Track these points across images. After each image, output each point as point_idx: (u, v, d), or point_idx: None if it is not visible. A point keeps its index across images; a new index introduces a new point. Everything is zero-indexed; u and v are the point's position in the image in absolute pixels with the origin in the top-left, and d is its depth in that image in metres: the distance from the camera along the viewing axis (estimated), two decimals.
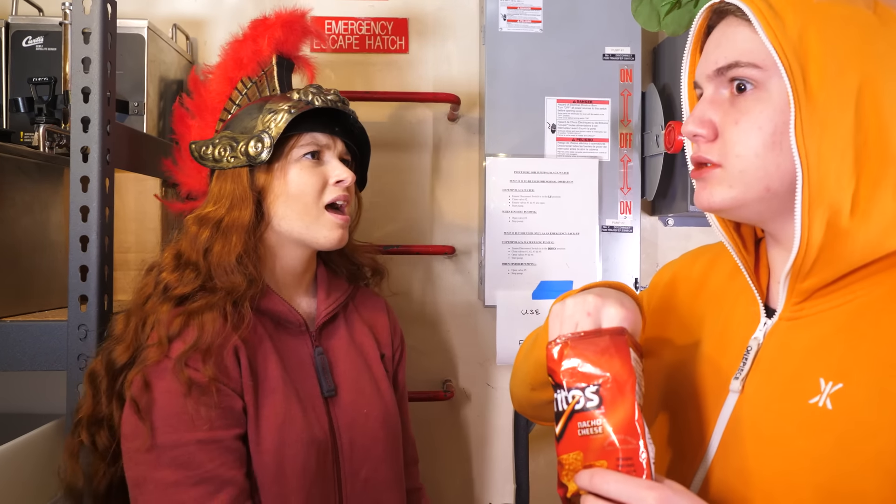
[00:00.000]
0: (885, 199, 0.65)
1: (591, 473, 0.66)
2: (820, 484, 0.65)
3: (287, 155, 1.08)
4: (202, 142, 1.11)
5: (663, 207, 1.68)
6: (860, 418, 0.64)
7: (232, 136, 1.08)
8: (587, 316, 0.73)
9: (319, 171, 1.09)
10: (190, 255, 1.03)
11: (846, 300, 0.70)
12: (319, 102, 1.09)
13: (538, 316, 1.58)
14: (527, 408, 0.99)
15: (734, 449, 0.73)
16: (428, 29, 1.71)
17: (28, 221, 1.12)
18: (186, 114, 1.20)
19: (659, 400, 0.86)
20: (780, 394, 0.70)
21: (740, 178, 0.70)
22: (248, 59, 1.15)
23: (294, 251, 1.10)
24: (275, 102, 1.09)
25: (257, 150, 1.05)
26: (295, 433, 0.99)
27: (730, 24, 0.72)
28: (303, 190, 1.07)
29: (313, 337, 1.11)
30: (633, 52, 1.61)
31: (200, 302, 0.99)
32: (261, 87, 1.16)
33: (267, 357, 1.03)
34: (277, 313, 1.07)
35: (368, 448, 1.08)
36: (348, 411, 1.08)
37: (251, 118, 1.09)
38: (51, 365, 1.03)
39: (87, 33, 1.02)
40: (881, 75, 0.65)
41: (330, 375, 1.09)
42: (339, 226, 1.09)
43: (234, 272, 1.01)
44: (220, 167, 1.08)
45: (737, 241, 0.79)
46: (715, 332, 0.81)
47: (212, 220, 1.04)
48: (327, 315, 1.13)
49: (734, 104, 0.71)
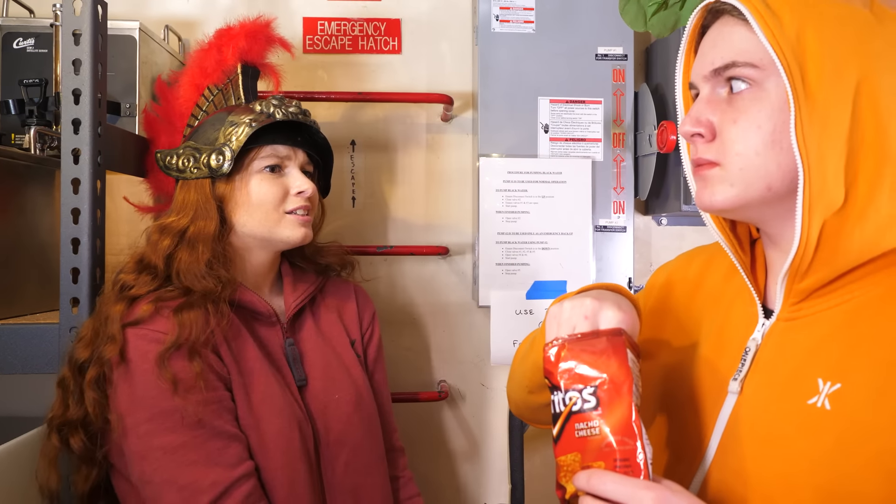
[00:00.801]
0: (881, 197, 0.65)
1: (588, 474, 0.66)
2: (819, 485, 0.65)
3: (248, 167, 1.10)
4: (167, 151, 1.14)
5: (657, 207, 1.68)
6: (859, 418, 0.64)
7: (196, 146, 1.11)
8: (584, 319, 0.74)
9: (280, 182, 1.12)
10: (150, 259, 1.05)
11: (844, 300, 0.70)
12: (280, 115, 1.12)
13: (532, 316, 1.58)
14: (524, 411, 0.99)
15: (733, 450, 0.73)
16: (421, 29, 1.71)
17: (19, 224, 1.12)
18: (156, 119, 1.23)
19: (657, 401, 0.85)
20: (778, 394, 0.70)
21: (741, 176, 0.69)
22: (213, 68, 1.18)
23: (258, 253, 1.14)
24: (237, 114, 1.11)
25: (219, 162, 1.08)
26: (277, 407, 1.03)
27: (726, 24, 0.71)
28: (263, 200, 1.10)
29: (284, 329, 1.14)
30: (626, 52, 1.61)
31: (180, 300, 1.00)
32: (226, 95, 1.19)
33: (246, 344, 1.06)
34: (251, 304, 1.10)
35: (344, 433, 1.11)
36: (320, 398, 1.11)
37: (214, 129, 1.11)
38: (42, 368, 1.03)
39: (78, 35, 1.02)
40: (878, 73, 0.65)
41: (301, 366, 1.12)
42: (300, 224, 1.12)
43: (206, 277, 1.03)
44: (184, 177, 1.11)
45: (733, 241, 0.79)
46: (712, 333, 0.81)
47: (174, 229, 1.07)
48: (296, 307, 1.16)
49: (732, 103, 0.70)
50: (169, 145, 1.20)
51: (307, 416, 1.08)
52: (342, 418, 1.12)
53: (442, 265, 1.72)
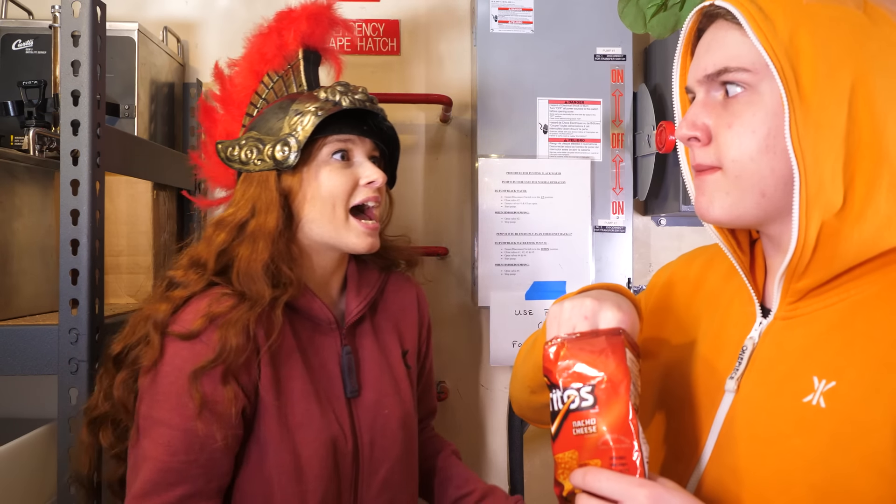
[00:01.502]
0: (879, 197, 0.65)
1: (584, 472, 0.66)
2: (814, 483, 0.65)
3: (315, 157, 1.05)
4: (229, 142, 1.08)
5: (655, 207, 1.68)
6: (853, 416, 0.64)
7: (258, 137, 1.06)
8: (584, 319, 0.74)
9: (349, 172, 1.06)
10: (202, 255, 1.01)
11: (840, 299, 0.70)
12: (347, 103, 1.06)
13: (531, 316, 1.58)
14: (527, 411, 0.99)
15: (729, 449, 0.73)
16: (420, 30, 1.72)
17: (18, 225, 1.12)
18: (212, 108, 1.17)
19: (655, 399, 0.86)
20: (774, 393, 0.70)
21: (736, 183, 0.70)
22: (273, 53, 1.11)
23: (326, 253, 1.09)
24: (301, 103, 1.05)
25: (284, 154, 1.03)
26: (313, 433, 0.99)
27: (720, 28, 0.71)
28: (332, 192, 1.04)
29: (343, 335, 1.09)
30: (625, 53, 1.61)
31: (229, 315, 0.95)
32: (287, 82, 1.12)
33: (290, 357, 1.02)
34: (310, 311, 1.06)
35: (387, 449, 1.07)
36: (370, 411, 1.07)
37: (277, 119, 1.06)
38: (42, 369, 1.03)
39: (77, 36, 1.02)
40: (873, 74, 0.65)
41: (355, 376, 1.08)
42: (367, 234, 1.06)
43: (259, 280, 0.98)
44: (247, 170, 1.05)
45: (732, 242, 0.79)
46: (711, 332, 0.82)
47: (231, 223, 1.02)
48: (358, 314, 1.11)
49: (726, 107, 0.71)
50: (226, 136, 1.13)
51: (351, 431, 1.04)
52: (388, 434, 1.08)
53: (441, 266, 1.72)
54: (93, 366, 1.02)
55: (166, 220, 1.52)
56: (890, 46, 0.66)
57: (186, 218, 1.64)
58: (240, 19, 1.69)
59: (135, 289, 1.41)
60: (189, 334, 0.94)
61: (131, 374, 0.96)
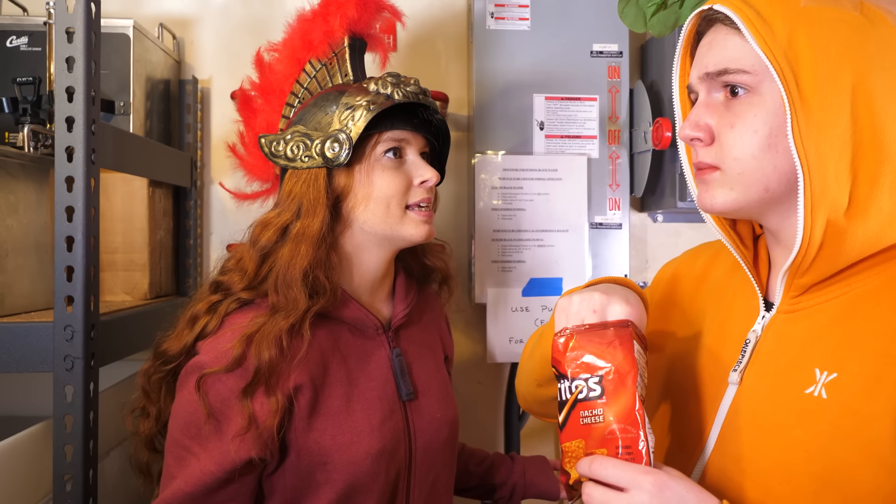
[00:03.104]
0: (882, 196, 0.67)
1: (590, 460, 0.68)
2: (815, 472, 0.66)
3: (369, 156, 1.00)
4: (273, 136, 1.03)
5: (652, 204, 1.68)
6: (854, 407, 0.65)
7: (305, 132, 1.00)
8: (593, 313, 0.76)
9: (403, 171, 1.02)
10: (244, 259, 0.99)
11: (842, 292, 0.71)
12: (400, 96, 1.00)
13: (528, 313, 1.58)
14: (533, 405, 1.00)
15: (732, 440, 0.74)
16: (416, 27, 1.71)
17: (13, 222, 1.11)
18: (252, 97, 1.12)
19: (661, 391, 0.88)
20: (776, 384, 0.72)
21: (739, 179, 0.71)
22: (319, 39, 1.05)
23: (377, 253, 1.04)
24: (351, 95, 1.00)
25: (335, 151, 0.97)
26: (363, 450, 0.96)
27: (719, 32, 0.73)
28: (387, 193, 1.00)
29: (391, 339, 1.06)
30: (621, 49, 1.61)
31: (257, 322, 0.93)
32: (331, 71, 1.07)
33: (334, 372, 0.98)
34: (353, 319, 1.02)
35: (438, 452, 1.06)
36: (424, 415, 1.05)
37: (324, 113, 1.00)
38: (37, 367, 1.02)
39: (71, 32, 1.01)
40: (872, 74, 0.66)
41: (409, 378, 1.04)
42: (423, 222, 1.02)
43: (297, 287, 0.94)
44: (294, 167, 1.00)
45: (734, 238, 0.81)
46: (715, 325, 0.83)
47: (276, 224, 0.98)
48: (404, 317, 1.08)
49: (729, 108, 0.72)
50: (266, 127, 1.09)
51: (406, 435, 1.02)
52: (440, 438, 1.05)
53: None
54: (88, 363, 1.02)
55: (162, 217, 1.52)
56: (887, 46, 0.67)
57: (182, 215, 1.64)
58: (236, 16, 1.69)
59: (131, 286, 1.41)
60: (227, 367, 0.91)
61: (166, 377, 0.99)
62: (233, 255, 1.03)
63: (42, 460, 1.04)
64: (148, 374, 1.00)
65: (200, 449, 0.91)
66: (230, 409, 0.90)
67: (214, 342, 0.94)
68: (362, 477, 0.96)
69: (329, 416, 0.96)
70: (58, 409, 1.01)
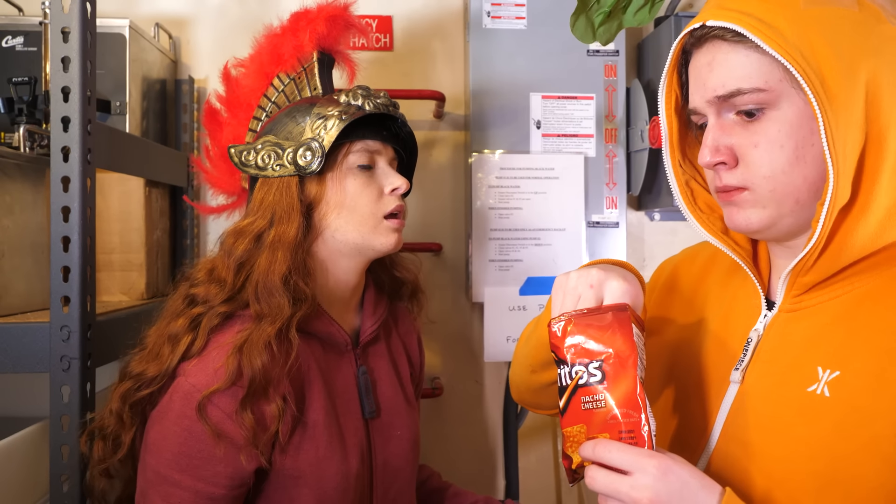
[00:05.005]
0: (881, 191, 0.66)
1: (594, 444, 0.68)
2: (818, 470, 0.66)
3: (340, 164, 1.01)
4: (243, 146, 1.04)
5: (649, 202, 1.68)
6: (857, 405, 0.65)
7: (276, 141, 1.01)
8: (590, 288, 0.75)
9: (374, 181, 1.03)
10: (219, 269, 0.98)
11: (844, 291, 0.71)
12: (370, 107, 1.03)
13: (525, 312, 1.58)
14: (526, 394, 1.00)
15: (735, 439, 0.74)
16: (413, 26, 1.71)
17: (9, 222, 1.11)
18: (217, 110, 1.13)
19: (661, 381, 0.87)
20: (779, 383, 0.72)
21: (771, 196, 0.70)
22: (290, 54, 1.07)
23: (348, 263, 1.04)
24: (322, 106, 1.02)
25: (307, 160, 0.98)
26: (335, 466, 0.97)
27: (718, 50, 0.70)
28: (359, 201, 1.01)
29: (357, 356, 1.07)
30: (618, 48, 1.61)
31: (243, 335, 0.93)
32: (300, 85, 1.09)
33: (312, 386, 0.98)
34: (325, 334, 1.02)
35: (399, 470, 1.07)
36: (385, 432, 1.06)
37: (296, 123, 1.02)
38: (33, 367, 1.02)
39: (67, 32, 1.01)
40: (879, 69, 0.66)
41: (372, 396, 1.05)
42: (394, 230, 1.04)
43: (279, 293, 0.94)
44: (265, 175, 1.01)
45: (729, 241, 0.80)
46: (716, 323, 0.83)
47: (250, 233, 0.98)
48: (372, 333, 1.09)
49: (747, 128, 0.70)
50: (233, 139, 1.10)
51: (368, 453, 1.03)
52: (401, 455, 1.07)
53: (435, 262, 1.72)
54: (84, 363, 1.02)
55: (159, 217, 1.51)
56: (889, 41, 0.67)
57: (179, 215, 1.64)
58: (232, 16, 1.69)
59: (128, 286, 1.41)
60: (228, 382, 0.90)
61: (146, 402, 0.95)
62: (202, 266, 1.01)
63: (39, 461, 1.04)
64: (125, 397, 0.95)
65: (193, 480, 0.89)
66: (234, 422, 0.89)
67: (202, 363, 0.92)
68: (332, 493, 0.96)
69: (307, 430, 0.96)
70: (54, 409, 1.01)
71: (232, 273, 0.97)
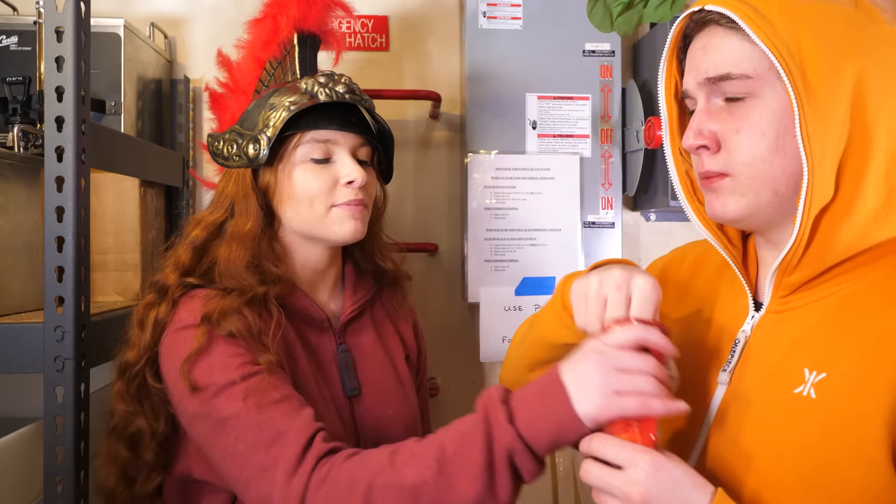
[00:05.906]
0: (867, 192, 0.66)
1: (590, 438, 0.70)
2: (804, 472, 0.66)
3: (290, 155, 1.00)
4: (216, 135, 1.04)
5: (645, 203, 1.69)
6: (843, 407, 0.65)
7: (239, 131, 1.02)
8: (617, 290, 0.74)
9: (327, 171, 1.01)
10: (180, 255, 1.00)
11: (831, 292, 0.71)
12: (324, 96, 0.99)
13: (521, 312, 1.58)
14: None
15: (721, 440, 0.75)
16: (408, 26, 1.71)
17: (3, 223, 1.11)
18: (221, 95, 1.14)
19: None
20: (766, 385, 0.72)
21: (749, 184, 0.70)
22: (269, 39, 1.06)
23: (311, 249, 1.05)
24: (279, 95, 1.01)
25: (255, 151, 0.98)
26: None
27: (714, 34, 0.71)
28: (308, 192, 1.00)
29: (337, 334, 1.06)
30: (613, 48, 1.61)
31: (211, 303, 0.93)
32: (284, 69, 1.07)
33: (299, 357, 0.99)
34: (302, 309, 1.03)
35: None
36: (372, 412, 1.04)
37: (258, 112, 1.01)
38: (27, 367, 1.02)
39: (61, 32, 1.01)
40: (868, 68, 0.66)
41: (353, 374, 1.04)
42: (350, 218, 1.01)
43: (244, 277, 0.96)
44: (227, 165, 1.03)
45: (722, 238, 0.80)
46: (704, 324, 0.83)
47: (208, 223, 1.00)
48: (352, 312, 1.08)
49: (732, 113, 0.71)
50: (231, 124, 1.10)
51: (353, 432, 1.02)
52: (393, 436, 1.02)
53: (431, 262, 1.71)
54: (79, 363, 1.02)
55: (154, 217, 1.51)
56: (882, 41, 0.67)
57: (175, 215, 1.63)
58: (228, 15, 1.68)
59: (123, 286, 1.41)
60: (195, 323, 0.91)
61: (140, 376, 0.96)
62: (169, 256, 1.03)
63: (33, 462, 1.03)
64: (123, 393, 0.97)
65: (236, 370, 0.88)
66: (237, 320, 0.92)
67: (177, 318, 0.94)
68: None
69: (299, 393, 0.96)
70: (48, 410, 1.00)
71: (188, 254, 0.99)
